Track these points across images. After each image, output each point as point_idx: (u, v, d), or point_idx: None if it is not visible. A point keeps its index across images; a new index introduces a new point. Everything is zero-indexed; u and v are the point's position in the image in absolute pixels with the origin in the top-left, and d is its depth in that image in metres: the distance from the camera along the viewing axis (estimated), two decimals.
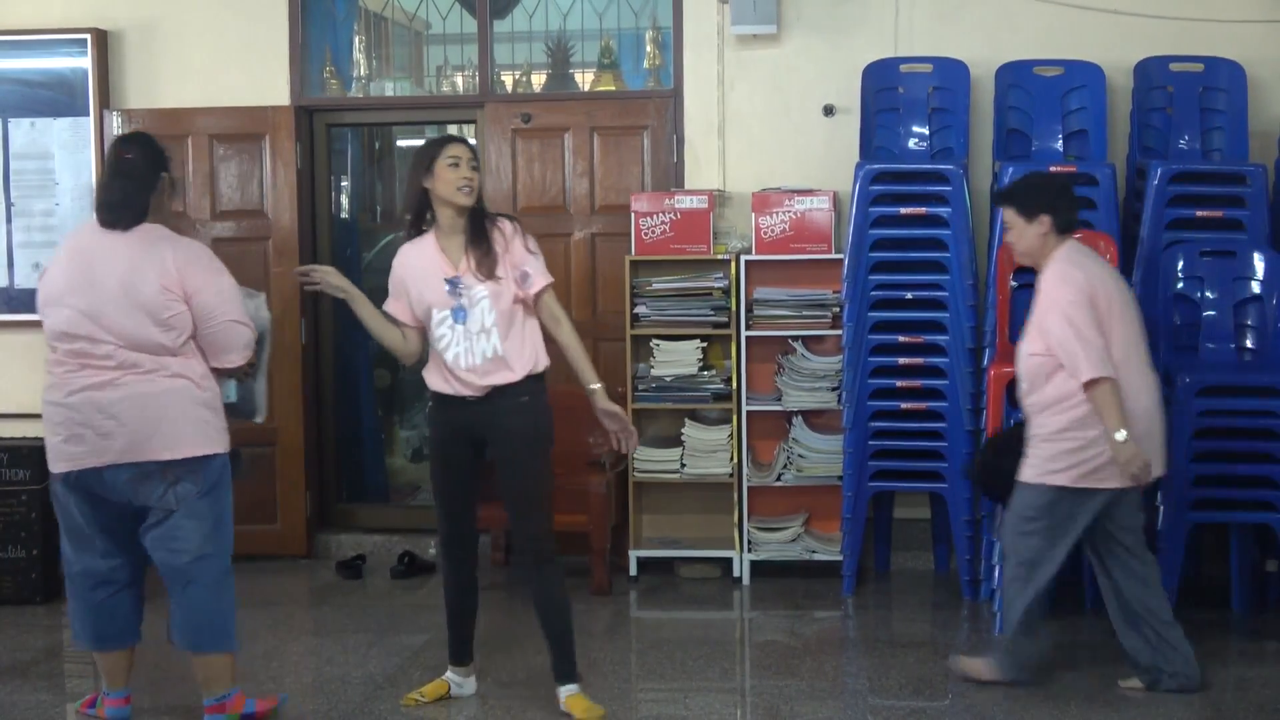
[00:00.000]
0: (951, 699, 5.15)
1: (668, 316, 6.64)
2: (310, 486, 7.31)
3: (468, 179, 4.76)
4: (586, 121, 7.15)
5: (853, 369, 6.31)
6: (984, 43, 6.77)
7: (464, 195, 4.76)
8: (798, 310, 6.57)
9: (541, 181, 7.18)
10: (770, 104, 6.97)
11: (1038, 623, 5.01)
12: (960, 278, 6.22)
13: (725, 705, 5.25)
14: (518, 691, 5.26)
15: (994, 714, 4.90)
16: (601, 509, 6.45)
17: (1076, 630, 5.71)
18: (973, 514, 6.19)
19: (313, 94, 7.35)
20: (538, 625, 4.99)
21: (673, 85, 7.10)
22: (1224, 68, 6.52)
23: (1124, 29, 6.69)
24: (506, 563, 6.94)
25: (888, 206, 6.29)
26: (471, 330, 4.79)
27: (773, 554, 6.60)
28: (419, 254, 4.88)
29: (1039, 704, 4.96)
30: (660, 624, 6.29)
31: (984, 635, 5.79)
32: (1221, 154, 6.46)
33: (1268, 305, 5.85)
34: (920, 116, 6.73)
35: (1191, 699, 4.90)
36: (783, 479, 6.58)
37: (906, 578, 6.74)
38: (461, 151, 4.79)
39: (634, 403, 6.66)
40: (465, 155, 4.79)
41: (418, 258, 4.88)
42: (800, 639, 5.94)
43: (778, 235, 6.57)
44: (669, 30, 7.14)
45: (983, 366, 6.10)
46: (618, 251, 6.85)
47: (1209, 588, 6.08)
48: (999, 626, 5.40)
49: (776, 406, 6.61)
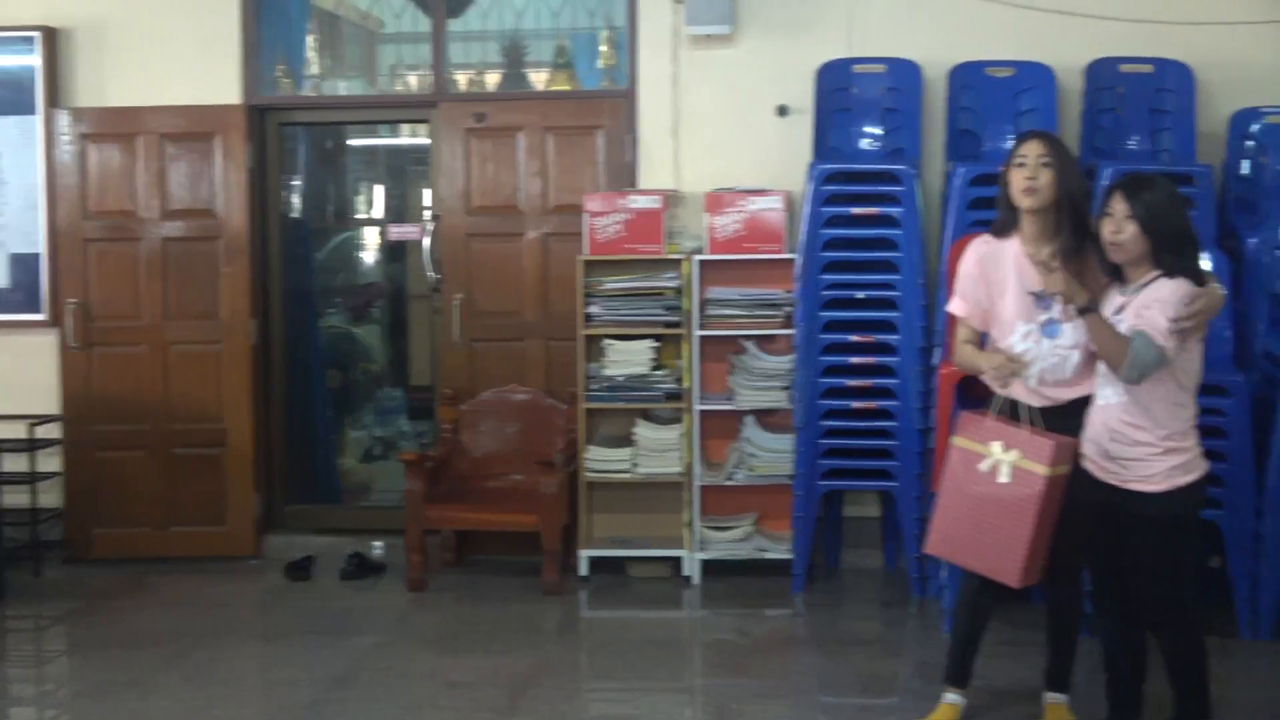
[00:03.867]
0: (900, 696, 5.15)
1: (620, 316, 6.62)
2: (259, 488, 7.26)
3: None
4: (541, 121, 7.13)
5: (804, 368, 6.32)
6: (936, 44, 6.79)
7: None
8: (750, 310, 6.57)
9: (495, 181, 7.16)
10: (724, 104, 6.97)
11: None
12: (911, 277, 6.23)
13: (675, 704, 5.24)
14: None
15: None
16: (553, 509, 6.43)
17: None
18: (922, 512, 6.19)
19: (265, 93, 7.31)
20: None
21: (627, 85, 7.09)
22: (1173, 69, 6.56)
23: (1075, 30, 6.71)
24: (457, 563, 6.90)
25: (840, 206, 6.30)
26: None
27: (723, 553, 6.59)
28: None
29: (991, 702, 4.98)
30: (610, 623, 6.27)
31: (931, 633, 5.79)
32: (1170, 154, 6.49)
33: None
34: (873, 117, 6.74)
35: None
36: (734, 478, 6.57)
37: (856, 575, 6.74)
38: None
39: (586, 402, 6.64)
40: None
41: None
42: (750, 638, 5.93)
43: (731, 235, 6.57)
44: (624, 30, 7.13)
45: (933, 365, 6.10)
46: (571, 251, 6.83)
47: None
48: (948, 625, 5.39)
49: (728, 406, 6.60)
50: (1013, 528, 4.36)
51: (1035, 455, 4.34)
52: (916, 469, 6.20)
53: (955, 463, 4.55)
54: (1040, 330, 4.50)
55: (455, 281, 7.16)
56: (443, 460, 6.86)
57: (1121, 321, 4.27)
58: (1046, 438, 4.36)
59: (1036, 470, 4.32)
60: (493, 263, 7.13)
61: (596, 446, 6.66)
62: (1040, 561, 4.44)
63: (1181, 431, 4.30)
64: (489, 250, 7.14)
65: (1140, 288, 4.29)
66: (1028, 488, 4.33)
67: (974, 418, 4.56)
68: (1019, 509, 4.35)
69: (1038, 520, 4.33)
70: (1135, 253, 4.28)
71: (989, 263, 4.60)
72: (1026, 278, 4.52)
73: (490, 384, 7.07)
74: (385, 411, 8.19)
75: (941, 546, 4.63)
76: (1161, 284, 4.24)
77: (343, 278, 8.19)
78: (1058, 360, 4.48)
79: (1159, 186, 4.32)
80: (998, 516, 4.39)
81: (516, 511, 6.55)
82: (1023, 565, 4.36)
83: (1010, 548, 4.37)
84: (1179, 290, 4.20)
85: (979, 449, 4.48)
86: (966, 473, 4.49)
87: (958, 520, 4.52)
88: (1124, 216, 4.26)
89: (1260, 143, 6.44)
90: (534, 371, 7.10)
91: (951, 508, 4.55)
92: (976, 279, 4.62)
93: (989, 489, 4.42)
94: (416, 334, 8.06)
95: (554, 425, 6.91)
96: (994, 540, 4.40)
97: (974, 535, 4.46)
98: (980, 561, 4.49)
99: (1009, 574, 4.39)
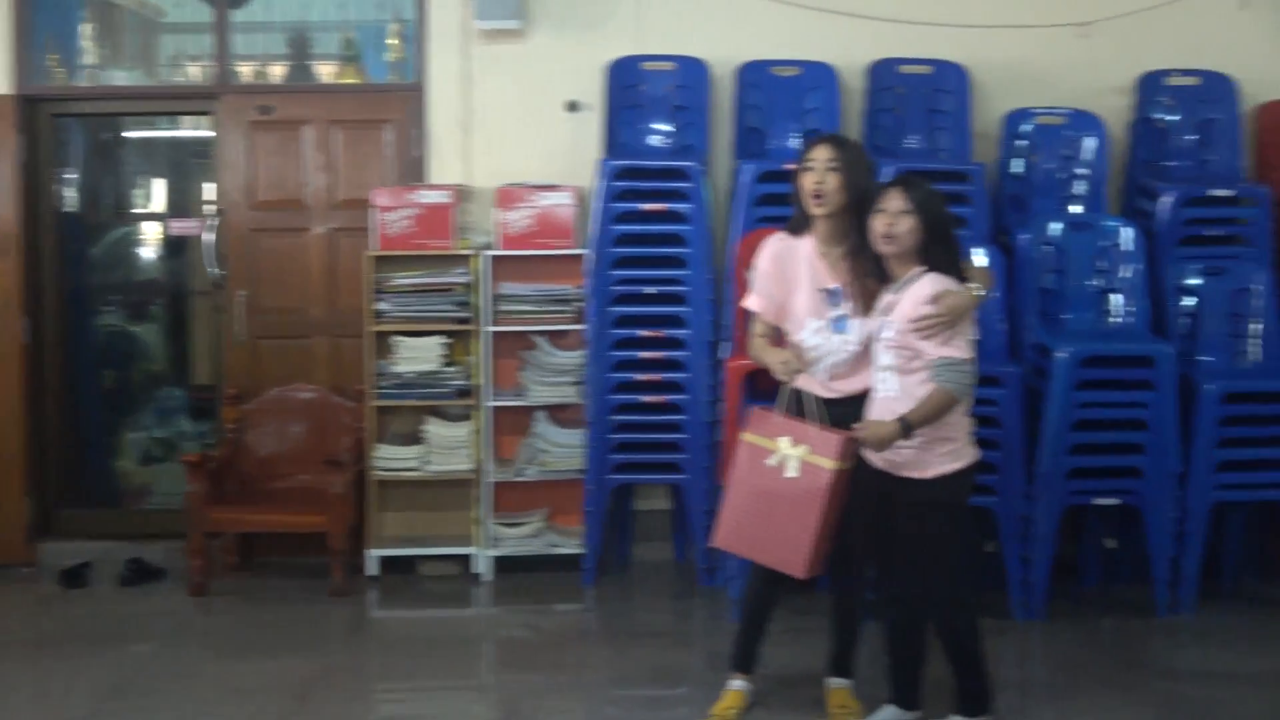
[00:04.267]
0: (690, 686, 5.20)
1: (410, 312, 6.55)
2: (31, 492, 6.97)
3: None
4: (328, 115, 7.02)
5: (595, 363, 6.34)
6: (724, 42, 6.87)
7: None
8: (541, 305, 6.56)
9: (281, 175, 7.02)
10: (515, 99, 6.94)
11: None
12: (700, 273, 6.29)
13: (466, 702, 5.20)
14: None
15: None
16: (340, 509, 6.32)
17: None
18: (711, 504, 6.26)
19: (37, 83, 7.02)
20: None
21: (416, 79, 7.01)
22: (949, 70, 6.76)
23: (857, 31, 6.86)
24: (242, 566, 6.74)
25: (630, 203, 6.33)
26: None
27: (514, 549, 6.57)
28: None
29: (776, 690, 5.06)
30: (400, 623, 6.19)
31: (720, 623, 5.85)
32: (947, 152, 6.68)
33: (988, 299, 6.05)
34: (662, 114, 6.79)
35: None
36: (525, 474, 6.56)
37: (647, 568, 6.77)
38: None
39: (375, 400, 6.55)
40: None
41: None
42: (541, 633, 5.92)
43: (522, 230, 6.55)
44: (412, 23, 7.05)
45: (721, 360, 6.17)
46: (359, 247, 6.72)
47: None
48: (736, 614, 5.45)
49: (520, 402, 6.58)
50: (800, 521, 4.43)
51: (823, 450, 4.43)
52: (705, 462, 6.26)
53: (743, 458, 4.61)
54: (830, 326, 4.62)
55: (239, 278, 6.99)
56: (226, 461, 6.69)
57: (891, 324, 4.41)
58: (834, 433, 4.45)
59: (824, 465, 4.41)
60: (278, 258, 6.99)
61: (385, 445, 6.57)
62: (825, 552, 4.53)
63: (953, 422, 4.44)
64: (274, 246, 7.00)
65: (906, 284, 4.43)
66: (815, 482, 4.41)
67: (762, 413, 4.63)
68: (806, 503, 4.42)
69: (824, 513, 4.41)
70: (908, 245, 4.42)
71: (784, 260, 4.70)
72: (818, 275, 4.65)
73: (276, 382, 6.92)
74: (166, 411, 7.94)
75: (729, 540, 4.68)
76: (925, 280, 4.40)
77: (121, 274, 7.93)
78: (847, 355, 4.60)
79: (927, 184, 4.52)
80: (785, 510, 4.46)
81: (303, 512, 6.43)
82: (809, 558, 4.44)
83: (797, 541, 4.44)
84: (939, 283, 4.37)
85: (767, 444, 4.54)
86: (754, 468, 4.55)
87: (745, 514, 4.58)
88: (900, 210, 4.39)
89: (1031, 142, 6.68)
90: (321, 369, 6.98)
91: (739, 502, 4.60)
92: (772, 275, 4.72)
93: (776, 483, 4.49)
94: (198, 332, 7.86)
95: (342, 424, 6.79)
96: (781, 534, 4.47)
97: (761, 529, 4.53)
98: (767, 554, 4.55)
99: (795, 566, 4.47)
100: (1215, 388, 5.82)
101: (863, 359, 4.60)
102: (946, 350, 4.34)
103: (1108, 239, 6.23)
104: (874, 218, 4.44)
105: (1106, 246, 6.22)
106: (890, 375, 4.45)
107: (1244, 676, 5.27)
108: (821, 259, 4.64)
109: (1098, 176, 6.60)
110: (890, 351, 4.44)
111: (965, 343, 4.38)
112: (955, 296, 4.36)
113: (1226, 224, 6.47)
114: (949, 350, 4.34)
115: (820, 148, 4.60)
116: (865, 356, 4.60)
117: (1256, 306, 6.19)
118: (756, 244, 5.81)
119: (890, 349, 4.44)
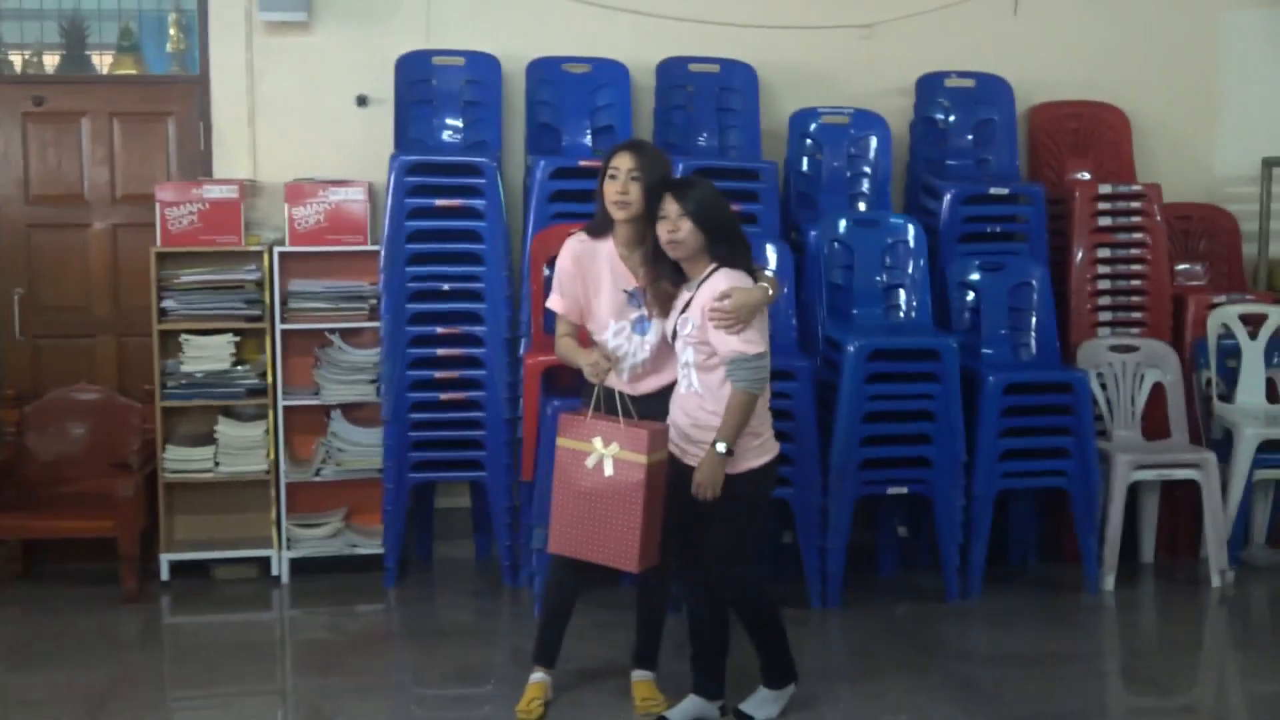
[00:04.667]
0: (494, 684, 5.22)
1: (198, 310, 6.40)
2: None
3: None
4: (106, 106, 6.82)
5: (391, 361, 6.28)
6: (515, 38, 6.88)
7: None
8: (334, 303, 6.48)
9: (57, 169, 6.80)
10: (302, 93, 6.83)
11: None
12: (496, 269, 6.29)
13: (267, 708, 5.14)
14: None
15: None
16: (129, 513, 6.14)
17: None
18: (512, 501, 6.30)
19: None
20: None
21: (199, 71, 6.85)
22: (738, 69, 6.89)
23: (647, 29, 6.96)
24: (26, 574, 6.49)
25: (423, 198, 6.29)
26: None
27: (313, 550, 6.48)
28: None
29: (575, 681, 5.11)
30: (195, 629, 6.04)
31: (524, 620, 5.88)
32: (737, 150, 6.82)
33: (779, 295, 6.19)
34: (454, 109, 6.76)
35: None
36: (322, 474, 6.47)
37: (449, 567, 6.75)
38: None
39: (163, 400, 6.38)
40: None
41: None
42: (343, 634, 5.86)
43: (312, 226, 6.45)
44: (194, 13, 6.88)
45: (519, 356, 6.19)
46: (143, 243, 6.54)
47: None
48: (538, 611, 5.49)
49: (315, 400, 6.49)
50: (624, 517, 4.53)
51: (633, 446, 4.52)
52: (505, 459, 6.27)
53: (563, 463, 4.70)
54: (632, 327, 4.71)
55: (14, 275, 6.77)
56: (6, 465, 6.46)
57: (689, 321, 4.52)
58: (641, 428, 4.55)
59: (636, 460, 4.50)
60: (57, 255, 6.79)
61: (176, 446, 6.41)
62: (656, 544, 4.63)
63: (758, 416, 4.57)
64: (53, 241, 6.80)
65: (702, 282, 4.55)
66: (631, 477, 4.51)
67: (574, 418, 4.72)
68: (626, 498, 4.52)
69: (645, 507, 4.51)
70: (693, 248, 4.55)
71: (585, 261, 4.78)
72: (620, 277, 4.73)
73: (58, 383, 6.70)
74: None
75: (562, 545, 4.73)
76: (718, 276, 4.53)
77: None
78: (647, 355, 4.71)
79: (701, 184, 4.66)
80: (609, 509, 4.56)
81: (90, 517, 6.22)
82: (639, 552, 4.54)
83: (625, 537, 4.54)
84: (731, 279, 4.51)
85: (583, 447, 4.63)
86: (575, 471, 4.64)
87: (574, 518, 4.65)
88: (678, 215, 4.53)
89: (817, 141, 6.86)
90: (106, 369, 6.80)
91: (566, 506, 4.68)
92: (574, 276, 4.78)
93: (597, 483, 4.58)
94: None
95: (129, 425, 6.60)
96: (609, 532, 4.57)
97: (591, 530, 4.62)
98: (600, 554, 4.63)
99: (628, 562, 4.57)
100: (997, 379, 6.09)
101: (662, 358, 4.73)
102: (739, 345, 4.45)
103: (893, 236, 6.45)
104: (658, 225, 4.56)
105: (892, 243, 6.44)
106: (691, 371, 4.58)
107: (1030, 657, 5.52)
108: (623, 261, 4.74)
109: (882, 175, 6.82)
110: (690, 348, 4.56)
111: (758, 336, 4.51)
112: (745, 292, 4.49)
113: (1005, 221, 6.76)
114: (741, 345, 4.46)
115: (623, 156, 4.68)
116: (665, 356, 4.72)
117: (1034, 300, 6.48)
118: (552, 240, 5.90)
119: (689, 345, 4.56)
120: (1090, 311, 6.74)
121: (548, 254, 5.75)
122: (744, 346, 4.47)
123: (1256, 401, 6.71)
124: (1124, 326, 6.75)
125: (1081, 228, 6.73)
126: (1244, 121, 7.42)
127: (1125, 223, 6.77)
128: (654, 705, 4.88)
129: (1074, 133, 7.18)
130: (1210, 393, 6.71)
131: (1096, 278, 6.75)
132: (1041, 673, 5.34)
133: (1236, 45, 7.41)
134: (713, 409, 4.54)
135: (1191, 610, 6.24)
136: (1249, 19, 7.41)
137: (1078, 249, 6.72)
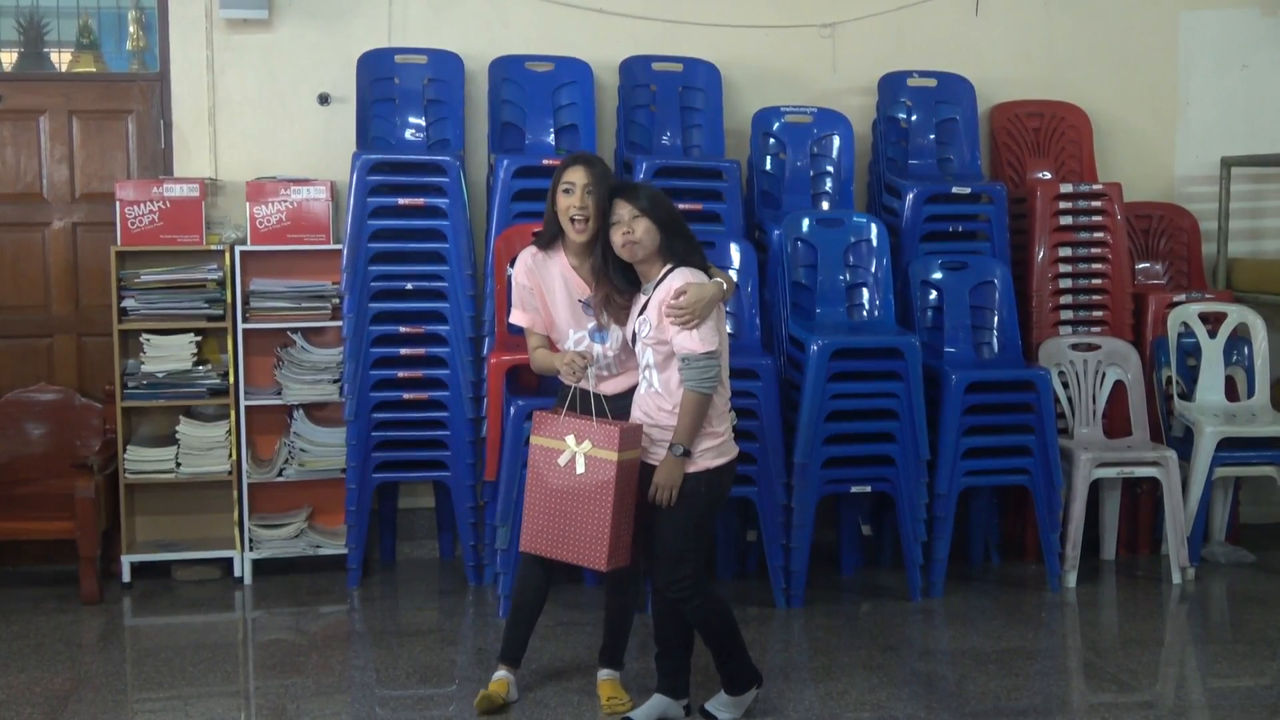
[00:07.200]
0: (459, 684, 5.21)
1: (158, 310, 6.36)
2: None
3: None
4: (65, 104, 6.76)
5: (354, 360, 6.26)
6: (478, 36, 6.87)
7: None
8: (296, 302, 6.45)
9: (15, 168, 6.74)
10: (264, 91, 6.80)
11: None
12: (459, 268, 6.28)
13: (229, 709, 5.09)
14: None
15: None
16: (89, 514, 6.09)
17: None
18: (475, 500, 6.30)
19: None
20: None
21: (159, 69, 6.80)
22: (701, 68, 6.89)
23: (610, 28, 6.96)
24: None
25: (386, 197, 6.27)
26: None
27: (276, 551, 6.45)
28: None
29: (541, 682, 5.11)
30: (157, 631, 6.00)
31: (489, 620, 5.87)
32: (700, 149, 6.82)
33: (743, 294, 6.22)
34: (416, 107, 6.74)
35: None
36: (284, 474, 6.44)
37: (412, 567, 6.74)
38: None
39: (124, 401, 6.33)
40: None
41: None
42: (306, 635, 5.84)
43: (274, 225, 6.42)
44: (154, 10, 6.84)
45: (483, 355, 6.18)
46: (103, 242, 6.50)
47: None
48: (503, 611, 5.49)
49: (277, 400, 6.46)
50: (594, 515, 4.54)
51: (605, 443, 4.54)
52: (469, 458, 6.26)
53: (536, 461, 4.71)
54: (590, 336, 4.76)
55: None
56: None
57: (646, 322, 4.54)
58: (613, 425, 4.56)
59: (608, 457, 4.52)
60: (15, 254, 6.73)
61: (137, 446, 6.37)
62: (626, 543, 4.64)
63: (716, 415, 4.58)
64: (10, 240, 6.73)
65: (658, 283, 4.58)
66: (602, 475, 4.52)
67: (547, 416, 4.73)
68: (597, 496, 4.53)
69: (616, 505, 4.52)
70: (650, 247, 4.58)
71: (539, 273, 4.83)
72: (574, 287, 4.79)
73: (17, 383, 6.66)
74: None
75: (533, 543, 4.73)
76: (675, 274, 4.56)
77: None
78: (608, 361, 4.76)
79: (646, 186, 4.73)
80: (580, 507, 4.57)
81: (50, 519, 6.18)
82: (608, 550, 4.55)
83: (595, 535, 4.55)
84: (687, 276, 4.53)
85: (556, 445, 4.64)
86: (547, 469, 4.66)
87: (545, 516, 4.67)
88: (631, 216, 4.55)
89: (780, 140, 6.87)
90: (66, 369, 6.75)
91: (538, 504, 4.69)
92: (530, 289, 4.83)
93: (569, 481, 4.60)
94: None
95: (89, 426, 6.56)
96: (580, 530, 4.58)
97: (562, 528, 4.63)
98: (570, 552, 4.64)
99: (597, 560, 4.58)
100: (959, 378, 6.11)
101: (624, 361, 4.76)
102: (691, 344, 4.46)
103: (856, 235, 6.46)
104: (611, 232, 4.56)
105: (855, 242, 6.45)
106: (652, 372, 4.61)
107: (992, 654, 5.53)
108: (575, 272, 4.80)
109: (845, 174, 6.84)
110: (649, 350, 4.58)
111: (712, 334, 4.52)
112: (700, 287, 4.50)
113: (967, 220, 6.79)
114: (693, 344, 4.47)
115: (577, 170, 4.69)
116: (626, 359, 4.76)
117: (996, 299, 6.52)
118: (515, 239, 5.90)
119: (648, 347, 4.57)
120: (1052, 310, 6.78)
121: (511, 253, 5.73)
122: (696, 344, 4.47)
123: (1216, 399, 6.77)
124: (1085, 325, 6.80)
125: (1043, 227, 6.76)
126: (1204, 121, 7.48)
127: (1086, 222, 6.81)
128: (619, 704, 4.87)
129: (1035, 132, 7.22)
130: (1171, 391, 6.77)
131: (1058, 276, 6.78)
132: (1003, 669, 5.36)
133: (1196, 46, 7.47)
134: (672, 409, 4.55)
135: (1152, 607, 6.28)
136: (1209, 19, 7.46)
137: (1039, 248, 6.76)
